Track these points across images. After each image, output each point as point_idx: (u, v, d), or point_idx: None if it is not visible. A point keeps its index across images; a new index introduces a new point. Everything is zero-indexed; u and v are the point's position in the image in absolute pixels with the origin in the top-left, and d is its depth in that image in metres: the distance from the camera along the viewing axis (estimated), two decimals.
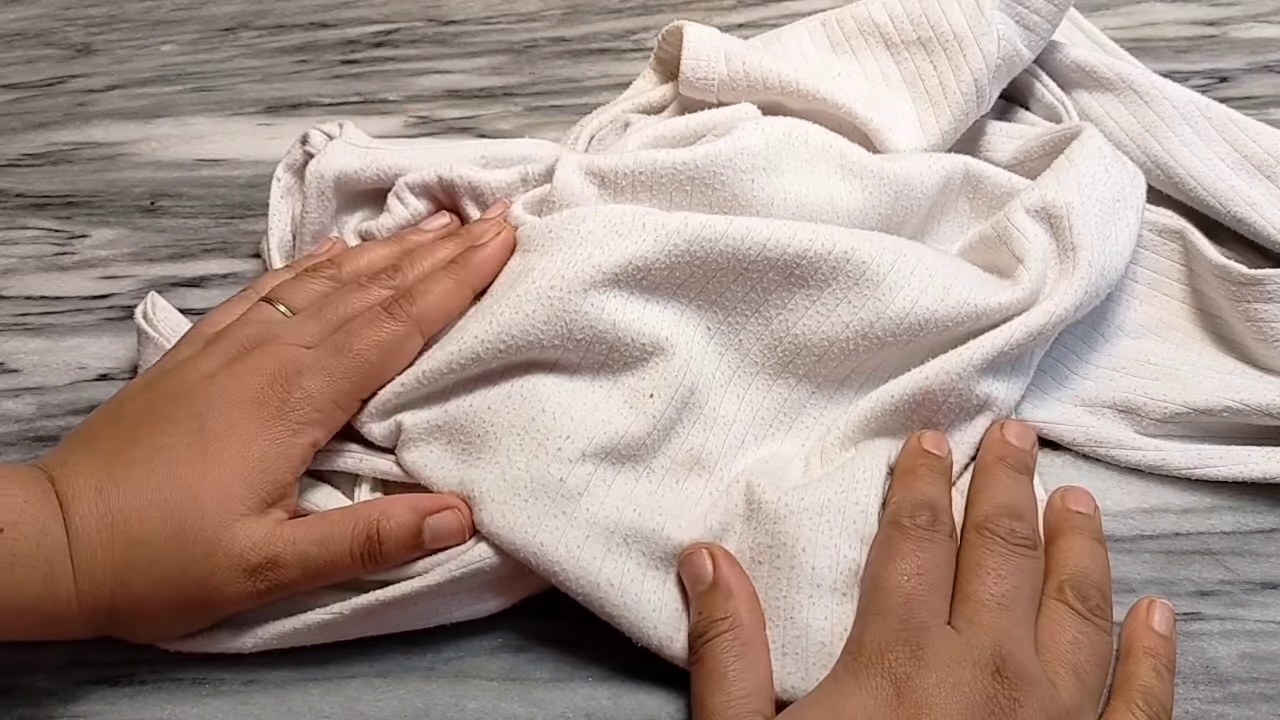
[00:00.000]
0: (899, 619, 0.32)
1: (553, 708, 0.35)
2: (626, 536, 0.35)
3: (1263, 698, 0.34)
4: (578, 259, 0.37)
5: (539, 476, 0.35)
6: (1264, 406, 0.37)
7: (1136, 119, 0.45)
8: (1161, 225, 0.44)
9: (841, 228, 0.38)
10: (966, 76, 0.44)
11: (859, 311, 0.37)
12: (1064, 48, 0.47)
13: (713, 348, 0.39)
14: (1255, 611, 0.36)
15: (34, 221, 0.51)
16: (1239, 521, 0.38)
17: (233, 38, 0.60)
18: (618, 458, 0.36)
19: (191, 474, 0.33)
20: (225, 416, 0.35)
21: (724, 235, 0.37)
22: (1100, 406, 0.40)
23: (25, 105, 0.57)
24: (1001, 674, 0.30)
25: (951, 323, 0.37)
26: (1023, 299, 0.37)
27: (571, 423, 0.36)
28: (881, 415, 0.38)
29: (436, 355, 0.37)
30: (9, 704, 0.36)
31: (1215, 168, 0.44)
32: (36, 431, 0.43)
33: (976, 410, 0.38)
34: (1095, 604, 0.33)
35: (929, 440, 0.37)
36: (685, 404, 0.38)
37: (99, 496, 0.33)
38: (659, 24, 0.56)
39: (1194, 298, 0.43)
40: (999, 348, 0.37)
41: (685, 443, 0.38)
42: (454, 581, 0.35)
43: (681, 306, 0.38)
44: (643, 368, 0.37)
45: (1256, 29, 0.51)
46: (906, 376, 0.37)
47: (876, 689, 0.30)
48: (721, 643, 0.33)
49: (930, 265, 0.38)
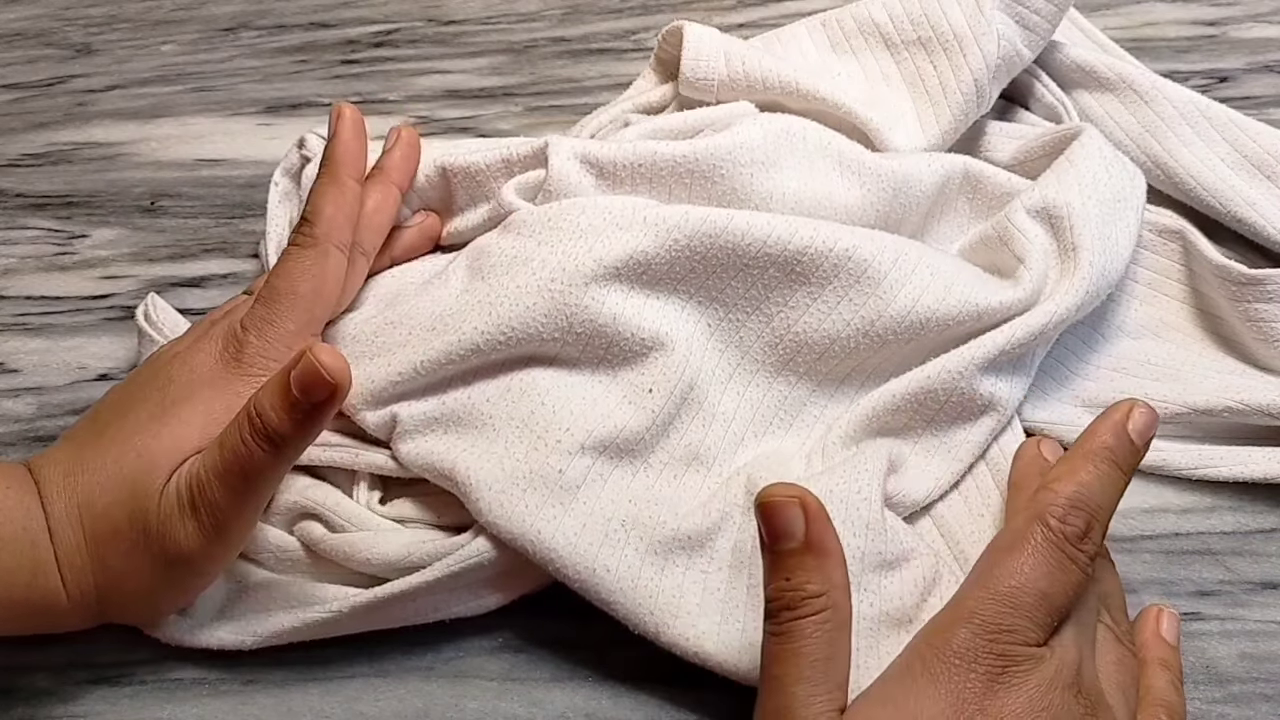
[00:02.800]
0: (1002, 626, 0.29)
1: (553, 708, 0.35)
2: (624, 524, 0.35)
3: (1263, 698, 0.34)
4: (578, 252, 0.37)
5: (537, 468, 0.35)
6: (1264, 406, 0.37)
7: (1136, 119, 0.45)
8: (1162, 225, 0.44)
9: (843, 225, 0.38)
10: (966, 76, 0.44)
11: (860, 310, 0.37)
12: (1064, 48, 0.47)
13: (713, 344, 0.39)
14: (1255, 611, 0.36)
15: (34, 221, 0.51)
16: (1239, 521, 0.38)
17: (233, 38, 0.60)
18: (616, 452, 0.36)
19: (148, 438, 0.34)
20: (187, 384, 0.35)
21: (725, 230, 0.37)
22: (1101, 406, 0.39)
23: (25, 105, 0.57)
24: (1083, 695, 0.29)
25: (953, 322, 0.37)
26: (1024, 299, 0.37)
27: (570, 416, 0.36)
28: (883, 414, 0.37)
29: (434, 345, 0.37)
30: (9, 704, 0.36)
31: (1215, 168, 0.44)
32: (36, 431, 0.43)
33: (980, 411, 0.38)
34: (1125, 627, 0.33)
35: (1137, 420, 0.33)
36: (684, 400, 0.38)
37: (67, 480, 0.34)
38: (659, 24, 0.56)
39: (1194, 298, 0.43)
40: (1000, 347, 0.37)
41: (684, 438, 0.38)
42: (453, 576, 0.35)
43: (682, 302, 0.38)
44: (642, 363, 0.37)
45: (1256, 29, 0.51)
46: (908, 375, 0.37)
47: (958, 698, 0.28)
48: (813, 625, 0.29)
49: (932, 264, 0.38)
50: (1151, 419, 0.33)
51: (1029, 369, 0.39)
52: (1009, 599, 0.29)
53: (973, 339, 0.37)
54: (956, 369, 0.37)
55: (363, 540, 0.36)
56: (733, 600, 0.34)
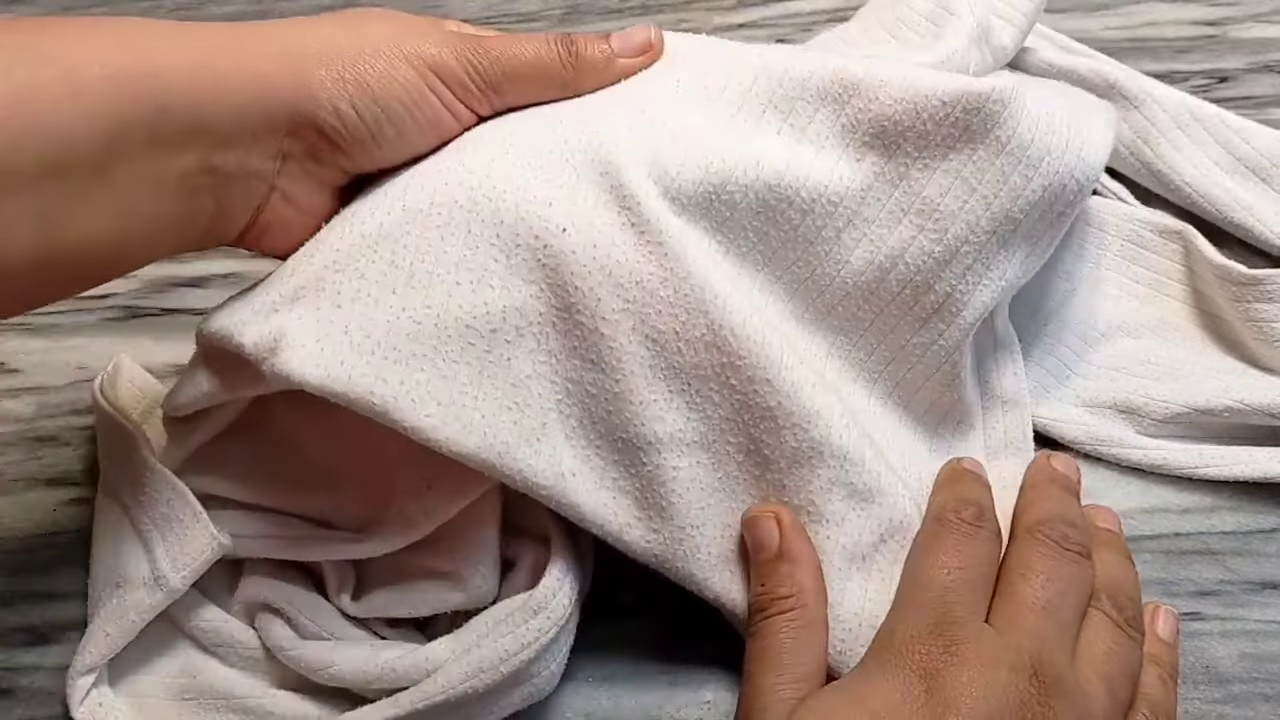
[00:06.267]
0: (935, 612, 0.31)
1: (553, 708, 0.35)
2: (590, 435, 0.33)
3: (1263, 698, 0.34)
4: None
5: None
6: (1264, 406, 0.37)
7: (1128, 124, 0.45)
8: (1162, 226, 0.43)
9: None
10: (941, 44, 0.40)
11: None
12: (1049, 54, 0.46)
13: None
14: (1255, 611, 0.36)
15: None
16: (1239, 521, 0.38)
17: None
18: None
19: None
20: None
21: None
22: (1101, 406, 0.40)
23: None
24: (1038, 678, 0.29)
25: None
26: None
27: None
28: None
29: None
30: (9, 704, 0.36)
31: (1210, 172, 0.44)
32: (36, 432, 0.43)
33: (931, 309, 0.36)
34: (1130, 615, 0.33)
35: (969, 462, 0.37)
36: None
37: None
38: (659, 24, 0.56)
39: (1194, 298, 0.43)
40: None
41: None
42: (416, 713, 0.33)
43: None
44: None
45: (1256, 29, 0.51)
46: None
47: (904, 682, 0.30)
48: (781, 622, 0.32)
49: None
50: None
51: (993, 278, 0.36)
52: (935, 583, 0.32)
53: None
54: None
55: (328, 651, 0.34)
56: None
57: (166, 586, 0.34)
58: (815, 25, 0.54)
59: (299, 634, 0.36)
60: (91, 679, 0.34)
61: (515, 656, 0.32)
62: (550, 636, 0.33)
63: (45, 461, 0.43)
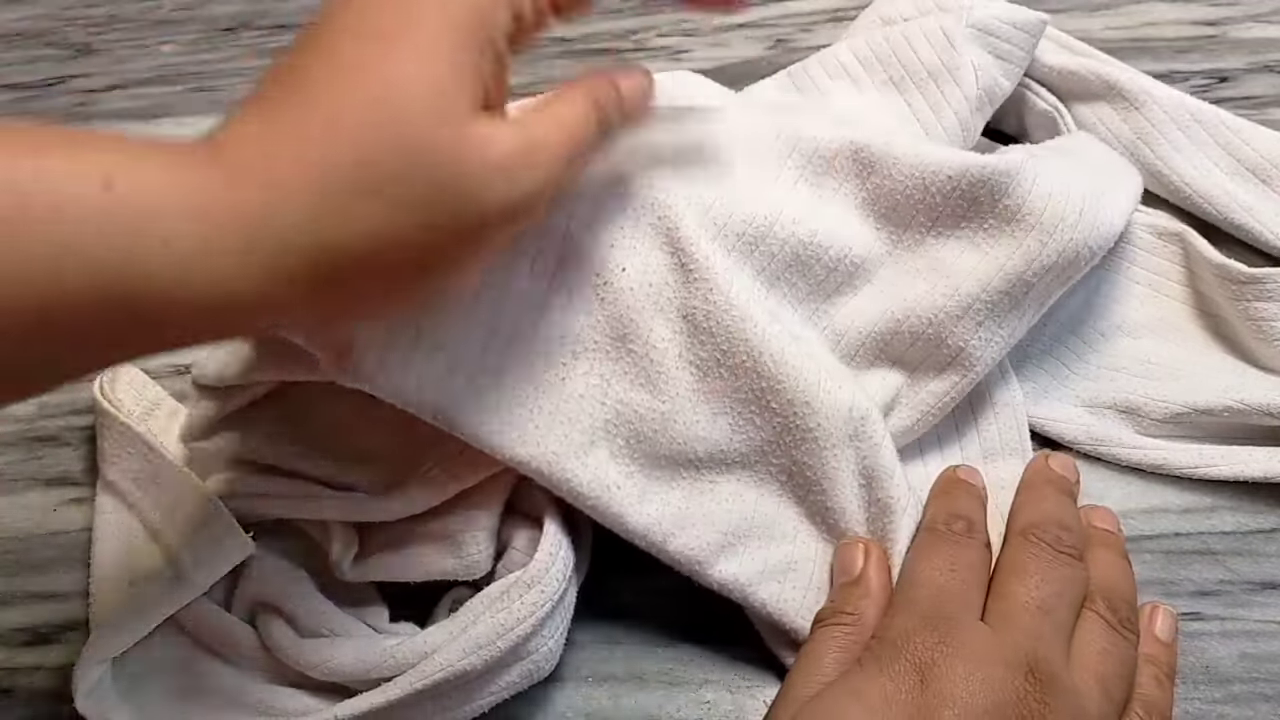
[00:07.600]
0: (929, 608, 0.32)
1: (553, 708, 0.35)
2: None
3: (1263, 698, 0.34)
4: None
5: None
6: (1264, 406, 0.37)
7: (1128, 125, 0.45)
8: (1161, 227, 0.43)
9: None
10: (948, 113, 0.41)
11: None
12: (1049, 55, 0.46)
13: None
14: (1255, 611, 0.36)
15: None
16: (1239, 521, 0.38)
17: (233, 38, 0.60)
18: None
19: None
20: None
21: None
22: (1101, 406, 0.40)
23: (25, 105, 0.57)
24: (1034, 675, 0.30)
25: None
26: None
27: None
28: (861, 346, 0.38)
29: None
30: (9, 704, 0.36)
31: (1209, 173, 0.44)
32: (36, 432, 0.43)
33: (946, 361, 0.37)
34: (1125, 616, 0.33)
35: (964, 471, 0.37)
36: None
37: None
38: (659, 24, 0.56)
39: (1194, 298, 0.43)
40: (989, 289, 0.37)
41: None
42: (418, 693, 0.33)
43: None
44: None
45: (1256, 29, 0.51)
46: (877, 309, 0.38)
47: (900, 673, 0.30)
48: (833, 633, 0.33)
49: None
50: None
51: (1011, 326, 0.38)
52: (929, 582, 0.33)
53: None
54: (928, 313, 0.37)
55: (326, 646, 0.35)
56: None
57: (188, 583, 0.35)
58: (815, 25, 0.54)
59: (298, 632, 0.36)
60: (99, 671, 0.35)
61: (512, 631, 0.33)
62: (545, 610, 0.33)
63: (45, 461, 0.43)
